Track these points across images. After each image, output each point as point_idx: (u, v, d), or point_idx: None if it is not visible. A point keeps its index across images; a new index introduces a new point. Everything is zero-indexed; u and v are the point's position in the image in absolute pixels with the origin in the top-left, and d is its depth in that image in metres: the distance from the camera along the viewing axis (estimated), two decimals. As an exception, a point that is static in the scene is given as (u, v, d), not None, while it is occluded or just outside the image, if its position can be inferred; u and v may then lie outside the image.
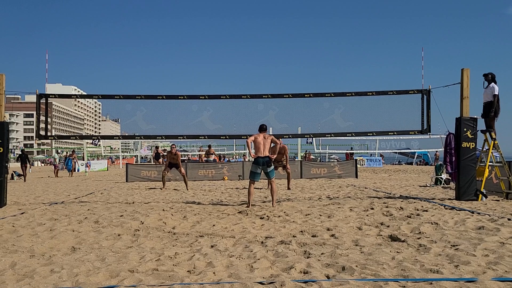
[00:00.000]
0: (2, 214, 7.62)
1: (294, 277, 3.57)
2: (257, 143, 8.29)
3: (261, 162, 8.24)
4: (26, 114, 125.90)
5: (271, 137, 8.48)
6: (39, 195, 11.83)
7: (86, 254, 4.44)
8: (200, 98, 9.94)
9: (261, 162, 8.24)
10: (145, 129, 10.18)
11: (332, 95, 9.74)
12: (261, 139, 8.29)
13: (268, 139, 8.37)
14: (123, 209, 8.08)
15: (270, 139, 8.40)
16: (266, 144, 8.32)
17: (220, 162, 19.76)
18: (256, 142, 8.30)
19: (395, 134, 10.34)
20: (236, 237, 5.32)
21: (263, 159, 8.24)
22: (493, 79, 9.09)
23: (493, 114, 8.99)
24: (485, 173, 9.15)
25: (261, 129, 8.48)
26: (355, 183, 14.84)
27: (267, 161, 8.26)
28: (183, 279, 3.56)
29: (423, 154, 40.28)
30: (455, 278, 3.49)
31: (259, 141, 8.28)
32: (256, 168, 8.34)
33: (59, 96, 11.28)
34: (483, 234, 5.27)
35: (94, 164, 33.12)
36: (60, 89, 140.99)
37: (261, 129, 8.48)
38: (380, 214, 7.09)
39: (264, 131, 8.50)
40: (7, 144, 8.94)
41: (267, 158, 8.28)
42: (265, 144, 8.30)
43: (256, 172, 8.35)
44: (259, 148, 8.25)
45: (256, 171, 8.34)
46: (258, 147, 8.27)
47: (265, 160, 8.25)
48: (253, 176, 8.38)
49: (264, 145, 8.28)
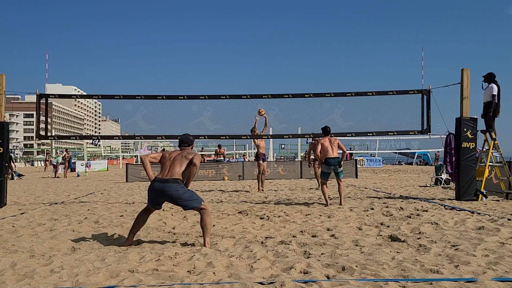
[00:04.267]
0: (2, 214, 7.62)
1: (294, 277, 3.57)
2: (324, 147, 8.63)
3: (333, 163, 8.53)
4: (26, 114, 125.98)
5: (337, 141, 8.78)
6: (39, 195, 11.84)
7: (86, 254, 4.44)
8: (200, 98, 9.94)
9: (333, 163, 8.53)
10: (145, 129, 10.18)
11: (332, 95, 9.74)
12: (327, 143, 8.65)
13: (335, 142, 8.71)
14: (123, 209, 8.08)
15: (336, 142, 8.73)
16: (334, 146, 8.66)
17: (220, 162, 19.73)
18: (324, 146, 8.63)
19: (395, 134, 10.33)
20: (236, 237, 5.32)
21: (334, 160, 8.55)
22: (493, 79, 9.07)
23: (491, 114, 8.97)
24: (485, 173, 9.15)
25: (325, 132, 8.84)
26: (355, 183, 14.84)
27: (338, 162, 8.58)
28: (183, 279, 3.56)
29: (423, 154, 40.30)
30: (455, 278, 3.49)
31: (326, 146, 8.62)
32: (327, 169, 8.62)
33: (59, 96, 11.27)
34: (483, 234, 5.27)
35: (94, 164, 33.10)
36: (60, 89, 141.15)
37: (325, 132, 8.84)
38: (380, 214, 7.09)
39: (328, 134, 8.86)
40: (7, 144, 8.94)
41: (338, 159, 8.61)
42: (332, 146, 8.65)
43: (327, 172, 8.66)
44: (327, 150, 8.59)
45: (328, 171, 8.65)
46: (327, 150, 8.59)
47: (336, 161, 8.55)
48: (325, 176, 8.69)
49: (332, 147, 8.63)
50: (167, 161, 5.05)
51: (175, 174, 4.92)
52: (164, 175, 4.93)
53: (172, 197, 4.89)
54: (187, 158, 4.99)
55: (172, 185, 4.86)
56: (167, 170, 4.97)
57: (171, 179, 4.88)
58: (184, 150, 5.16)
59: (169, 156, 5.10)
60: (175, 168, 4.95)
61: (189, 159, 4.97)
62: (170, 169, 4.96)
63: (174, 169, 4.95)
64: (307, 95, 9.81)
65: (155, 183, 4.92)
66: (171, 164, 4.99)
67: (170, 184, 4.86)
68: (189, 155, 5.02)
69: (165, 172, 4.96)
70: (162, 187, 4.87)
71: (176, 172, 4.93)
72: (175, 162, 4.99)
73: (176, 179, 4.89)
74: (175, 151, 5.24)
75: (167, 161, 5.04)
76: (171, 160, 5.03)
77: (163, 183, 4.88)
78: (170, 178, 4.89)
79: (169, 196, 4.89)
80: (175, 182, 4.88)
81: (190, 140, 5.27)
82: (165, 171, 4.96)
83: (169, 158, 5.06)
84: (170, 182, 4.87)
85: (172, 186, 4.85)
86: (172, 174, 4.92)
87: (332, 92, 9.72)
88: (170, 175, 4.91)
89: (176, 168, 4.96)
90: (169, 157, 5.07)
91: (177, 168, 4.95)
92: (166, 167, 5.00)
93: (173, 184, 4.86)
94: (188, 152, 5.11)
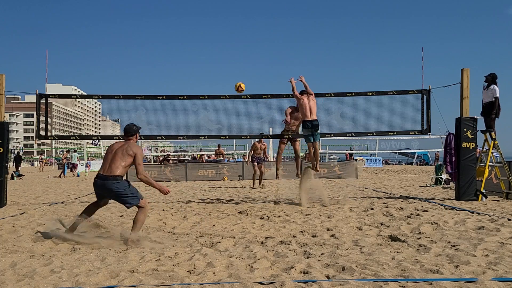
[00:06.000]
0: (2, 214, 7.62)
1: (294, 277, 3.57)
2: (304, 106, 8.19)
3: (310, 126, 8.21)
4: (26, 114, 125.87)
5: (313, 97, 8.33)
6: (39, 195, 11.83)
7: (86, 254, 4.44)
8: (200, 98, 9.94)
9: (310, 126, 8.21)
10: (145, 129, 10.15)
11: (332, 95, 9.74)
12: (306, 101, 8.19)
13: (314, 100, 8.27)
14: (123, 209, 8.06)
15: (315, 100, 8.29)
16: (313, 105, 8.22)
17: (220, 162, 19.76)
18: (303, 104, 8.19)
19: (395, 134, 10.33)
20: (236, 237, 5.32)
21: (312, 122, 8.21)
22: (494, 80, 9.08)
23: (494, 116, 9.00)
24: (485, 173, 9.15)
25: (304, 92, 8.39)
26: (355, 183, 14.84)
27: (316, 125, 8.26)
28: (183, 279, 3.56)
29: (423, 154, 40.27)
30: (455, 278, 3.49)
31: (305, 103, 8.17)
32: (307, 132, 8.31)
33: (59, 96, 11.27)
34: (483, 234, 5.27)
35: (94, 164, 33.09)
36: (60, 89, 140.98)
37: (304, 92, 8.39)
38: (380, 214, 7.09)
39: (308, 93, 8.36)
40: (7, 144, 8.94)
41: (316, 122, 8.28)
42: (311, 106, 8.20)
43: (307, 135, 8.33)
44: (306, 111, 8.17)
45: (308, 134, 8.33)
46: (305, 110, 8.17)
47: (314, 124, 8.23)
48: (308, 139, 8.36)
49: (311, 107, 8.19)
50: (109, 154, 5.08)
51: (115, 170, 4.96)
52: (105, 171, 5.00)
53: (112, 195, 5.01)
54: (128, 153, 5.00)
55: (111, 183, 4.94)
56: (107, 165, 5.01)
57: (110, 176, 4.95)
58: (128, 142, 5.16)
59: (111, 149, 5.11)
60: (115, 163, 4.98)
61: (130, 155, 5.00)
62: (111, 163, 5.00)
63: (115, 163, 4.98)
64: (307, 95, 9.78)
65: (96, 180, 5.02)
66: (112, 158, 5.01)
67: (109, 182, 4.94)
68: (130, 149, 5.02)
69: (105, 167, 5.01)
70: (102, 184, 4.98)
71: (116, 167, 4.96)
72: (116, 156, 5.01)
73: (115, 176, 4.94)
74: (119, 142, 5.25)
75: (109, 154, 5.07)
76: (112, 153, 5.05)
77: (103, 180, 4.97)
78: (109, 175, 4.95)
79: (109, 193, 5.02)
80: (114, 179, 4.94)
81: (133, 130, 5.25)
82: (106, 167, 5.01)
83: (111, 151, 5.08)
84: (109, 179, 4.95)
85: (112, 184, 4.94)
86: (111, 170, 4.97)
87: (332, 92, 9.72)
88: (110, 172, 4.97)
89: (116, 163, 4.98)
90: (112, 150, 5.09)
91: (117, 163, 4.97)
92: (107, 161, 5.05)
93: (112, 182, 4.94)
94: (130, 145, 5.09)
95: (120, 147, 5.08)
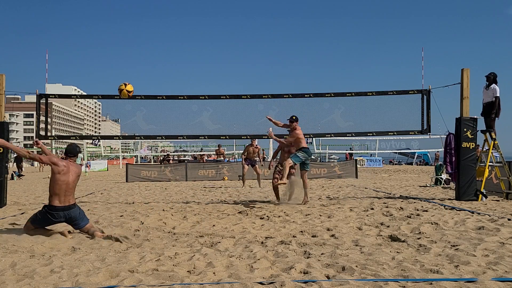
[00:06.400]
0: (2, 214, 7.63)
1: (294, 277, 3.57)
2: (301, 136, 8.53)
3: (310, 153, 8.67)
4: (26, 114, 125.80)
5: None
6: (39, 195, 11.83)
7: (86, 254, 4.44)
8: (200, 98, 9.94)
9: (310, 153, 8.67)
10: (145, 129, 10.18)
11: (332, 95, 9.74)
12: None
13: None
14: (123, 209, 8.07)
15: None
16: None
17: (220, 162, 19.76)
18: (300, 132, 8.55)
19: (395, 134, 10.34)
20: (236, 237, 5.32)
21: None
22: (495, 79, 9.08)
23: (494, 116, 8.99)
24: (485, 173, 9.15)
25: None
26: (355, 183, 14.84)
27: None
28: (183, 279, 3.56)
29: (423, 154, 40.27)
30: (455, 278, 3.49)
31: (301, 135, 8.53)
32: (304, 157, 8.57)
33: (59, 96, 11.28)
34: (483, 234, 5.27)
35: (94, 164, 33.10)
36: (60, 89, 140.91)
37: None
38: (380, 214, 7.09)
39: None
40: (7, 144, 8.92)
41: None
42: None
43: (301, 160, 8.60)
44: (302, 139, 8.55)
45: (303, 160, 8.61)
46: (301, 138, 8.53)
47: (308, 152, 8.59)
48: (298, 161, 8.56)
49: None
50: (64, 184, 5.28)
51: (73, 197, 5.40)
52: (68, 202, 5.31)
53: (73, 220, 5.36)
54: (78, 176, 5.44)
55: (76, 210, 5.37)
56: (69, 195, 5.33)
57: (72, 205, 5.35)
58: (73, 163, 5.52)
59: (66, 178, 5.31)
60: (73, 192, 5.40)
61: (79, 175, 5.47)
62: (70, 193, 5.35)
63: (73, 192, 5.40)
64: (307, 95, 9.81)
65: (58, 212, 5.24)
66: (71, 188, 5.36)
67: (75, 210, 5.35)
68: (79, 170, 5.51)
69: (67, 197, 5.31)
70: (68, 214, 5.30)
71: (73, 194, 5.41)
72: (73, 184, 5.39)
73: (75, 203, 5.41)
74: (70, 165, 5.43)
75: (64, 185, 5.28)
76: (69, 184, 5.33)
77: (68, 210, 5.30)
78: (72, 204, 5.35)
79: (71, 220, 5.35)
80: (75, 205, 5.41)
81: (76, 152, 5.64)
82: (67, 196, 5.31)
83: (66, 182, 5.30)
84: (73, 208, 5.35)
85: (76, 211, 5.36)
86: (72, 198, 5.38)
87: (332, 92, 9.73)
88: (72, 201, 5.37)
89: (73, 191, 5.41)
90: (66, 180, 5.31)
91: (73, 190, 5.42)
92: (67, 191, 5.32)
93: (76, 209, 5.38)
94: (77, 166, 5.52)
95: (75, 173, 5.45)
